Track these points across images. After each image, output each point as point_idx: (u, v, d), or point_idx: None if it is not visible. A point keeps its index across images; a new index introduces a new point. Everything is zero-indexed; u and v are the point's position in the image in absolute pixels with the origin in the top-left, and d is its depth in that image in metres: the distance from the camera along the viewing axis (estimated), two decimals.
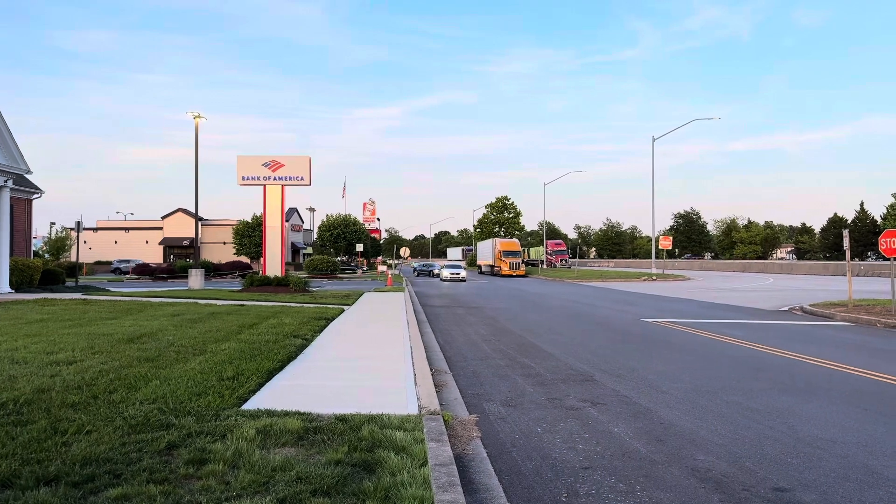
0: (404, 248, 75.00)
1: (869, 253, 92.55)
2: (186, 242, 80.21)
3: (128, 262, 68.39)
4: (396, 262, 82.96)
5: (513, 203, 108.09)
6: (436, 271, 67.28)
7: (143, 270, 57.42)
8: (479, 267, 77.17)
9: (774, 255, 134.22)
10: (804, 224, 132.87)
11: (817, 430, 7.06)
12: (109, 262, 73.28)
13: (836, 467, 5.85)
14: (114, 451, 5.39)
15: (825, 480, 5.51)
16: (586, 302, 28.16)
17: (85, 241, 73.90)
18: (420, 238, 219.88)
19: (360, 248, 70.22)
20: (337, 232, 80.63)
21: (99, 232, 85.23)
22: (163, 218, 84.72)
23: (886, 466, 5.87)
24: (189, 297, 25.04)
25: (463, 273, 53.82)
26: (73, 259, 43.39)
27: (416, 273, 72.16)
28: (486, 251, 75.37)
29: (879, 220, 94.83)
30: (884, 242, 20.37)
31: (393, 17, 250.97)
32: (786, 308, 24.28)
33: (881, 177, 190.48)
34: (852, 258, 52.82)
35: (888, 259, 21.16)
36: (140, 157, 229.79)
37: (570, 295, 33.58)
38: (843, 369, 10.95)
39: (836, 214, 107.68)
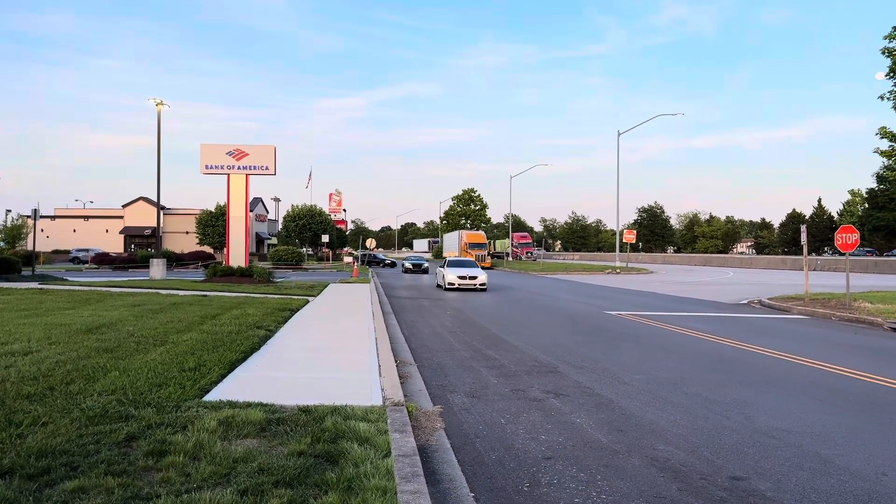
0: (370, 239, 74.62)
1: (826, 248, 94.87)
2: (148, 232, 78.74)
3: (87, 251, 66.74)
4: (362, 252, 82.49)
5: (479, 195, 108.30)
6: (408, 265, 53.26)
7: (102, 260, 56.17)
8: (446, 259, 77.28)
9: (735, 250, 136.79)
10: (764, 219, 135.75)
11: (773, 421, 7.23)
12: (68, 251, 71.48)
13: (790, 456, 6.00)
14: (71, 443, 5.28)
15: (780, 469, 5.65)
16: (551, 294, 28.40)
17: (42, 230, 72.02)
18: (386, 229, 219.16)
19: (325, 238, 69.55)
20: (302, 222, 79.95)
21: (57, 220, 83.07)
22: (123, 206, 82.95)
23: (838, 455, 6.04)
24: (150, 288, 24.63)
25: (483, 277, 30.81)
26: (30, 247, 42.29)
27: (405, 271, 52.71)
28: (452, 243, 75.49)
29: (836, 217, 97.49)
30: (839, 238, 20.89)
31: (359, 7, 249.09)
32: (745, 301, 24.79)
33: (838, 174, 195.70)
34: (810, 253, 54.11)
35: (844, 254, 21.70)
36: (100, 144, 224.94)
37: (535, 287, 33.84)
38: (799, 361, 11.22)
39: (794, 210, 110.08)
